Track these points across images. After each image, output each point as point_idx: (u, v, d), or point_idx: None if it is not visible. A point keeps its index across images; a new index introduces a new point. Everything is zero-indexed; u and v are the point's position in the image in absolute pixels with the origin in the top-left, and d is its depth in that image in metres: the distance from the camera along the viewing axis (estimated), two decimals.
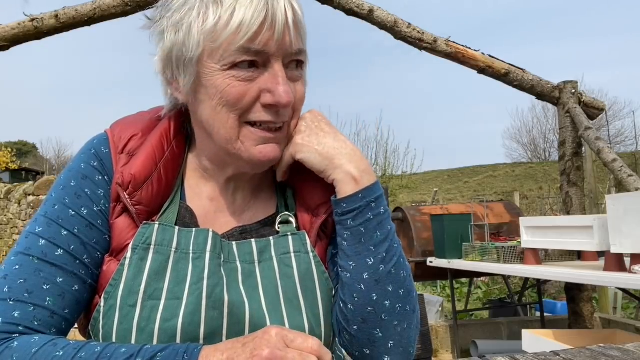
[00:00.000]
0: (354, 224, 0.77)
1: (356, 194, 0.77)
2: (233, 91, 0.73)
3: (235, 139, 0.76)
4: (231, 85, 0.73)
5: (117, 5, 3.46)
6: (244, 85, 0.73)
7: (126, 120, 0.85)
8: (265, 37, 0.71)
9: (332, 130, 0.82)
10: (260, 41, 0.71)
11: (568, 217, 3.28)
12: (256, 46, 0.71)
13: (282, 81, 0.73)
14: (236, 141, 0.76)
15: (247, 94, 0.73)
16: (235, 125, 0.75)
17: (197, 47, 0.73)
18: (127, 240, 0.76)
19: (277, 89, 0.73)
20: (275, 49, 0.72)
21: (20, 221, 9.21)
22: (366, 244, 0.76)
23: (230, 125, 0.75)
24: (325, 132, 0.81)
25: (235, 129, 0.76)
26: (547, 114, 33.61)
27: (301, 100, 0.80)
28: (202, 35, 0.72)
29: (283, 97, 0.73)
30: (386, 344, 0.76)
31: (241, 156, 0.77)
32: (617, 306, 5.47)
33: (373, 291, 0.75)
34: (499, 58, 3.83)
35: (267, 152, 0.77)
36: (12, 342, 0.66)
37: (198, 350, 0.64)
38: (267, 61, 0.73)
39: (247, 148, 0.76)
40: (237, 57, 0.72)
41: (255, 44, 0.71)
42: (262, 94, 0.74)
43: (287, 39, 0.73)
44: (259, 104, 0.75)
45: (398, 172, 13.89)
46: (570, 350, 0.79)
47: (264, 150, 0.77)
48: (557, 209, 9.09)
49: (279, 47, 0.73)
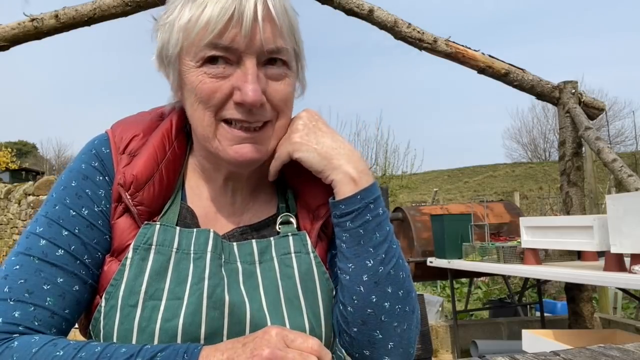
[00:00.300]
0: (353, 226, 0.77)
1: (355, 196, 0.77)
2: (204, 87, 0.73)
3: (213, 137, 0.76)
4: (202, 81, 0.73)
5: (117, 5, 3.46)
6: (215, 82, 0.73)
7: (127, 120, 0.85)
8: (232, 33, 0.71)
9: (330, 130, 0.82)
10: (227, 37, 0.71)
11: (568, 217, 3.28)
12: (224, 42, 0.71)
13: (250, 79, 0.72)
14: (213, 139, 0.76)
15: (218, 91, 0.73)
16: (212, 123, 0.75)
17: (176, 44, 0.74)
18: (128, 240, 0.76)
19: (244, 86, 0.72)
20: (244, 46, 0.72)
21: (20, 221, 9.21)
22: (365, 246, 0.76)
23: (207, 122, 0.75)
24: (323, 132, 0.81)
25: (211, 127, 0.75)
26: (547, 114, 33.65)
27: (283, 100, 0.77)
28: (180, 33, 0.73)
29: (249, 96, 0.71)
30: (386, 345, 0.76)
31: (219, 155, 0.77)
32: (617, 306, 5.47)
33: (372, 293, 0.75)
34: (499, 58, 3.84)
35: (243, 153, 0.76)
36: (13, 342, 0.66)
37: (198, 350, 0.64)
38: (240, 58, 0.73)
39: (224, 147, 0.76)
40: (206, 53, 0.72)
41: (222, 39, 0.71)
42: (234, 91, 0.74)
43: (258, 36, 0.72)
44: (232, 102, 0.74)
45: (398, 172, 13.91)
46: (570, 350, 0.79)
47: (239, 151, 0.76)
48: (557, 209, 9.09)
49: (248, 43, 0.72)
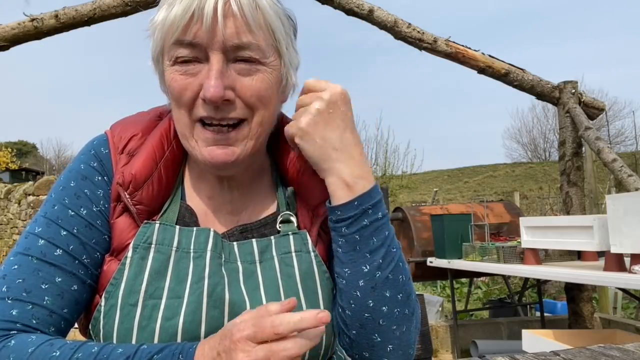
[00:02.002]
0: (349, 232, 0.76)
1: (351, 202, 0.75)
2: (175, 85, 0.74)
3: (190, 136, 0.77)
4: (174, 79, 0.74)
5: (117, 5, 3.46)
6: (185, 80, 0.74)
7: (126, 120, 0.85)
8: (194, 29, 0.71)
9: (344, 123, 0.78)
10: (190, 33, 0.71)
11: (568, 217, 3.27)
12: (187, 38, 0.72)
13: (213, 74, 0.71)
14: (190, 138, 0.77)
15: (187, 88, 0.74)
16: (188, 122, 0.76)
17: (156, 46, 0.76)
18: (127, 239, 0.76)
19: (206, 82, 0.72)
20: (206, 42, 0.71)
21: (20, 221, 9.21)
22: (361, 251, 0.75)
23: (184, 121, 0.76)
24: (335, 125, 0.77)
25: (188, 126, 0.76)
26: (547, 114, 33.66)
27: (255, 96, 0.75)
28: (158, 34, 0.75)
29: (209, 92, 0.71)
30: (385, 348, 0.76)
31: (196, 157, 0.77)
32: (617, 306, 5.47)
33: (369, 298, 0.75)
34: (499, 58, 3.83)
35: (216, 155, 0.75)
36: (10, 340, 0.66)
37: (193, 351, 0.63)
38: (207, 55, 0.73)
39: (199, 148, 0.76)
40: (174, 51, 0.73)
41: (186, 36, 0.72)
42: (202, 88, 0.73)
43: (219, 32, 0.71)
44: (200, 99, 0.74)
45: (398, 172, 13.91)
46: (570, 350, 0.79)
47: (212, 153, 0.75)
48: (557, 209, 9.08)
49: (210, 40, 0.71)
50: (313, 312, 0.61)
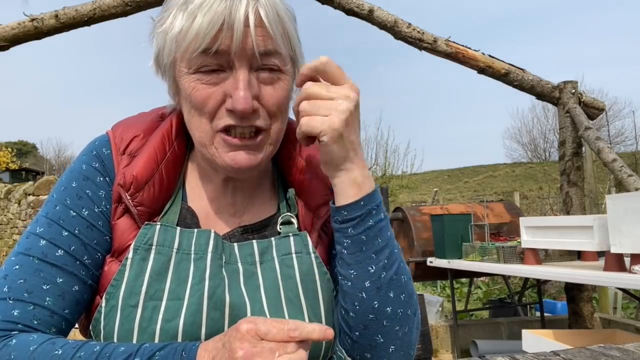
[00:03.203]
0: (355, 232, 0.75)
1: (358, 202, 0.75)
2: (197, 94, 0.73)
3: (210, 143, 0.76)
4: (196, 88, 0.73)
5: (117, 5, 3.46)
6: (208, 89, 0.73)
7: (127, 121, 0.85)
8: (224, 41, 0.70)
9: (359, 127, 0.77)
10: (218, 45, 0.71)
11: (568, 217, 3.27)
12: (214, 50, 0.71)
13: (242, 86, 0.71)
14: (210, 146, 0.76)
15: (211, 98, 0.73)
16: (209, 130, 0.75)
17: (169, 53, 0.75)
18: (128, 241, 0.76)
19: (235, 93, 0.72)
20: (235, 53, 0.71)
21: (20, 221, 9.21)
22: (367, 252, 0.75)
23: (204, 129, 0.76)
24: (355, 127, 0.75)
25: (208, 134, 0.76)
26: (547, 114, 33.64)
27: (276, 105, 0.76)
28: (172, 42, 0.73)
29: (239, 103, 0.71)
30: (387, 349, 0.76)
31: (216, 162, 0.77)
32: (617, 306, 5.47)
33: (375, 299, 0.75)
34: (499, 58, 3.83)
35: (239, 160, 0.75)
36: (11, 339, 0.67)
37: (196, 348, 0.64)
38: (232, 65, 0.73)
39: (220, 154, 0.76)
40: (199, 62, 0.72)
41: (213, 48, 0.71)
42: (226, 98, 0.73)
43: (249, 43, 0.71)
44: (224, 109, 0.74)
45: (398, 172, 13.93)
46: (570, 350, 0.79)
47: (235, 158, 0.75)
48: (557, 209, 9.08)
49: (239, 51, 0.71)
50: (323, 326, 0.62)
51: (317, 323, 0.64)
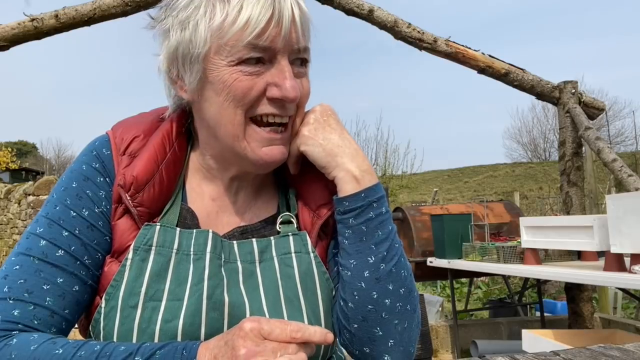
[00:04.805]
0: (356, 222, 0.77)
1: (358, 193, 0.77)
2: (240, 85, 0.74)
3: (242, 137, 0.77)
4: (238, 79, 0.74)
5: (117, 5, 3.46)
6: (251, 80, 0.74)
7: (127, 121, 0.85)
8: (272, 33, 0.72)
9: (339, 127, 0.83)
10: (268, 37, 0.72)
11: (568, 217, 3.27)
12: (263, 42, 0.72)
13: (289, 76, 0.75)
14: (242, 140, 0.77)
15: (254, 88, 0.74)
16: (242, 122, 0.76)
17: (204, 44, 0.74)
18: (128, 241, 0.76)
19: (284, 83, 0.74)
20: (281, 45, 0.74)
21: (20, 221, 9.21)
22: (367, 242, 0.77)
23: (237, 121, 0.76)
24: (332, 128, 0.82)
25: (241, 126, 0.76)
26: (547, 114, 33.60)
27: (306, 97, 0.81)
28: (209, 32, 0.73)
29: (290, 92, 0.74)
30: (386, 343, 0.77)
31: (247, 156, 0.78)
32: (617, 306, 5.47)
33: (373, 289, 0.76)
34: (499, 58, 3.83)
35: (273, 154, 0.78)
36: (11, 339, 0.67)
37: (197, 347, 0.64)
38: (274, 57, 0.75)
39: (253, 148, 0.77)
40: (245, 54, 0.73)
41: (262, 40, 0.72)
42: (268, 87, 0.75)
43: (294, 36, 0.75)
44: (265, 98, 0.76)
45: (398, 172, 13.91)
46: (570, 350, 0.79)
47: (269, 152, 0.78)
48: (557, 209, 9.08)
49: (285, 43, 0.74)
50: (324, 330, 0.64)
51: (318, 326, 0.65)
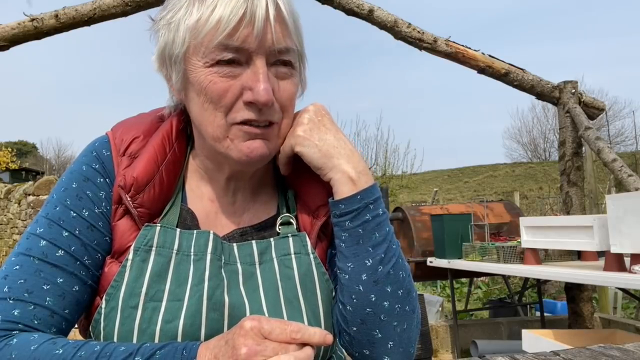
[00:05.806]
0: (352, 225, 0.77)
1: (354, 196, 0.77)
2: (215, 88, 0.73)
3: (224, 137, 0.76)
4: (213, 81, 0.73)
5: (117, 5, 3.46)
6: (226, 82, 0.73)
7: (127, 122, 0.85)
8: (244, 33, 0.71)
9: (334, 127, 0.82)
10: (239, 37, 0.71)
11: (568, 217, 3.27)
12: (235, 42, 0.71)
13: (262, 78, 0.72)
14: (224, 139, 0.76)
15: (229, 91, 0.73)
16: (223, 124, 0.75)
17: (182, 44, 0.74)
18: (128, 242, 0.76)
19: (256, 86, 0.72)
20: (255, 46, 0.72)
21: (20, 221, 9.21)
22: (364, 245, 0.76)
23: (218, 123, 0.75)
24: (327, 128, 0.81)
25: (222, 127, 0.75)
26: (547, 114, 33.56)
27: (289, 99, 0.78)
28: (187, 32, 0.73)
29: (262, 95, 0.71)
30: (386, 345, 0.76)
31: (229, 154, 0.76)
32: (617, 306, 5.47)
33: (371, 292, 0.75)
34: (499, 58, 3.83)
35: (254, 148, 0.75)
36: (11, 339, 0.67)
37: (197, 347, 0.64)
38: (249, 58, 0.73)
39: (235, 145, 0.75)
40: (218, 54, 0.72)
41: (233, 40, 0.71)
42: (244, 91, 0.73)
43: (269, 36, 0.72)
44: (242, 102, 0.74)
45: (398, 172, 13.93)
46: (570, 350, 0.79)
47: (251, 146, 0.75)
48: (557, 209, 9.08)
49: (259, 43, 0.72)
50: (323, 331, 0.63)
51: (317, 327, 0.65)
